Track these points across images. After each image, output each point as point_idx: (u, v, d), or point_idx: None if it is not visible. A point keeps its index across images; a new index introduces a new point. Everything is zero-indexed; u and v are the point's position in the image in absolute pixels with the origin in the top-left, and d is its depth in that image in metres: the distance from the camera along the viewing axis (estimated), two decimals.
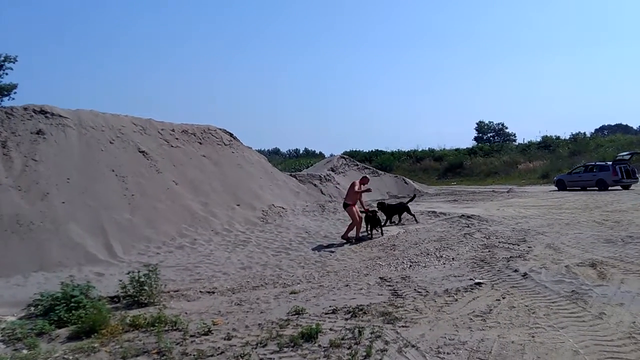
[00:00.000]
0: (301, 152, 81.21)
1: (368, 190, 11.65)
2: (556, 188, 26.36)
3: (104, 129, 13.58)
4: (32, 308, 6.36)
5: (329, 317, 5.37)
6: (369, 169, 31.32)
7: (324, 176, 24.75)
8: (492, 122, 63.50)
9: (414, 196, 15.87)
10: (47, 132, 12.27)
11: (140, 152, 13.51)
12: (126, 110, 15.84)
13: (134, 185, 12.04)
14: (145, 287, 6.49)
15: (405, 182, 29.96)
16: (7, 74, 32.99)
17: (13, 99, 33.17)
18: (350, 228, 11.11)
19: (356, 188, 11.27)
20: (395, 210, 13.81)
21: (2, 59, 32.45)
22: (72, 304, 5.85)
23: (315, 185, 23.36)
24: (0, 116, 12.29)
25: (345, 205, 11.24)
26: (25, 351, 4.84)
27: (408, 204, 14.12)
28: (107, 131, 13.55)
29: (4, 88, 32.93)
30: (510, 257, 8.13)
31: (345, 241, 10.89)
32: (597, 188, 24.13)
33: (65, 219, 9.94)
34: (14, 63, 32.88)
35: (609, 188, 23.84)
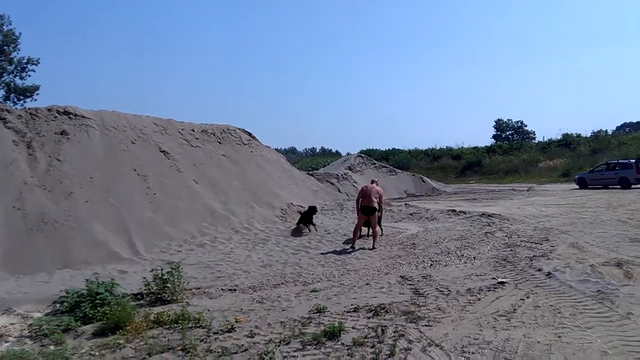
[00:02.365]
0: (317, 150, 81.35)
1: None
2: (577, 186, 25.93)
3: (126, 129, 13.78)
4: (58, 305, 6.48)
5: (350, 316, 5.36)
6: (387, 167, 31.24)
7: (342, 175, 24.78)
8: (511, 119, 62.65)
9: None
10: (70, 133, 12.50)
11: (161, 151, 13.68)
12: (147, 111, 16.00)
13: (155, 185, 12.19)
14: (168, 285, 6.57)
15: (423, 181, 29.81)
16: (29, 75, 33.65)
17: (36, 100, 33.86)
18: (375, 236, 10.37)
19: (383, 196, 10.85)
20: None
21: (25, 61, 33.11)
22: (97, 301, 5.95)
23: (332, 184, 23.40)
24: (25, 117, 12.56)
25: (373, 210, 10.35)
26: (52, 347, 4.94)
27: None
28: (129, 131, 13.75)
29: (27, 90, 33.58)
30: (533, 256, 8.03)
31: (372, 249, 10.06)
32: (619, 186, 23.69)
33: (88, 217, 10.12)
34: (36, 65, 33.51)
35: (632, 186, 23.38)
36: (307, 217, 12.27)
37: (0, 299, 6.91)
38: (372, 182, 11.26)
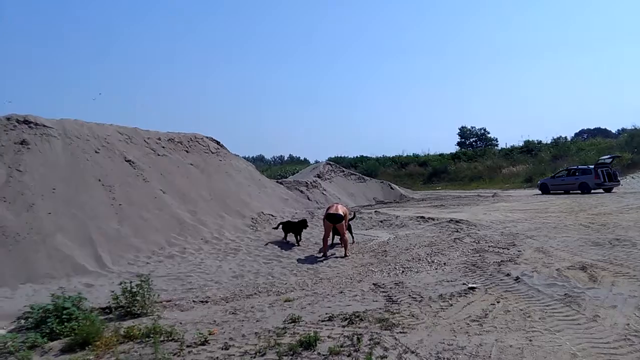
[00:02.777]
0: (286, 158, 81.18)
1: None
2: (540, 192, 26.74)
3: (89, 138, 13.42)
4: (23, 321, 6.22)
5: (325, 325, 5.35)
6: (355, 174, 31.44)
7: (311, 183, 24.76)
8: (475, 127, 64.23)
9: (354, 215, 14.09)
10: (31, 142, 12.07)
11: (126, 161, 13.37)
12: (111, 120, 15.67)
13: (121, 195, 11.89)
14: (138, 298, 6.40)
15: (391, 188, 30.13)
16: None
17: None
18: (346, 244, 10.40)
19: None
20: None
21: None
22: (64, 316, 5.74)
23: (302, 192, 23.35)
24: None
25: (340, 218, 10.35)
26: None
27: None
28: (93, 140, 13.39)
29: None
30: (501, 261, 8.22)
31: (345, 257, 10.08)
32: (580, 191, 24.57)
33: (52, 230, 9.77)
34: None
35: (592, 191, 24.28)
36: (297, 228, 11.89)
37: None
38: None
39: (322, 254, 10.31)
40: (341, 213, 10.46)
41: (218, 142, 18.14)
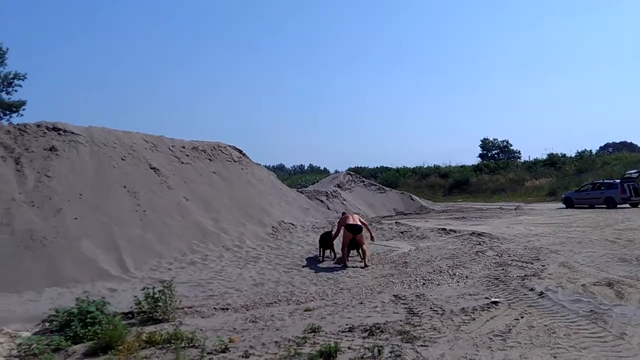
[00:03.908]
0: (306, 168, 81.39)
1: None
2: (564, 205, 26.26)
3: (116, 145, 13.71)
4: (47, 324, 6.35)
5: (346, 335, 5.33)
6: (375, 185, 31.39)
7: (331, 192, 24.84)
8: (497, 139, 63.57)
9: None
10: (59, 149, 12.39)
11: (151, 168, 13.61)
12: (136, 128, 15.98)
13: (145, 202, 12.09)
14: (160, 303, 6.47)
15: (412, 199, 29.99)
16: (16, 91, 33.43)
17: (22, 115, 33.57)
18: (366, 254, 10.28)
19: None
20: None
21: (12, 76, 32.91)
22: (87, 320, 5.84)
23: (322, 201, 23.45)
24: (13, 133, 12.45)
25: (361, 229, 10.37)
26: None
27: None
28: (119, 148, 13.67)
29: (13, 105, 33.33)
30: (525, 275, 8.08)
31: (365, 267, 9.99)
32: (605, 206, 24.04)
33: (78, 234, 9.99)
34: (23, 80, 33.34)
35: (618, 206, 23.74)
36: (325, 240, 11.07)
37: None
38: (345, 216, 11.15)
39: (342, 264, 10.28)
40: (360, 224, 10.43)
41: (240, 151, 18.34)
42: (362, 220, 10.90)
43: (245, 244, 12.16)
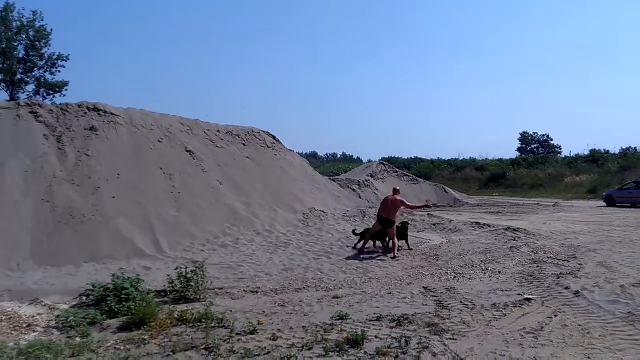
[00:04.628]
0: (339, 156, 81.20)
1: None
2: (605, 204, 25.34)
3: (153, 128, 13.99)
4: (84, 297, 6.61)
5: (373, 325, 5.32)
6: (408, 176, 31.04)
7: (363, 182, 24.69)
8: (537, 133, 61.76)
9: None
10: (99, 129, 12.74)
11: (187, 151, 13.85)
12: (173, 111, 16.25)
13: (180, 184, 12.34)
14: (192, 283, 6.62)
15: (445, 191, 29.49)
16: (59, 71, 34.42)
17: (64, 95, 34.58)
18: (395, 245, 10.20)
19: (406, 202, 10.93)
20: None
21: (56, 57, 33.90)
22: (122, 296, 6.04)
23: (354, 190, 23.34)
24: (56, 112, 12.87)
25: (391, 224, 10.31)
26: (78, 339, 5.03)
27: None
28: (156, 130, 13.95)
29: (56, 85, 34.36)
30: (561, 273, 7.85)
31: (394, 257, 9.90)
32: None
33: (115, 213, 10.29)
34: (66, 61, 34.29)
35: None
36: (400, 232, 10.78)
37: (28, 289, 7.08)
38: (395, 192, 11.06)
39: (359, 247, 10.61)
40: (393, 219, 10.35)
41: (274, 137, 18.43)
42: (404, 201, 10.84)
43: (275, 229, 12.26)
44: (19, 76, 33.02)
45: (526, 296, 6.45)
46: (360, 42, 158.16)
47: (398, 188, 11.53)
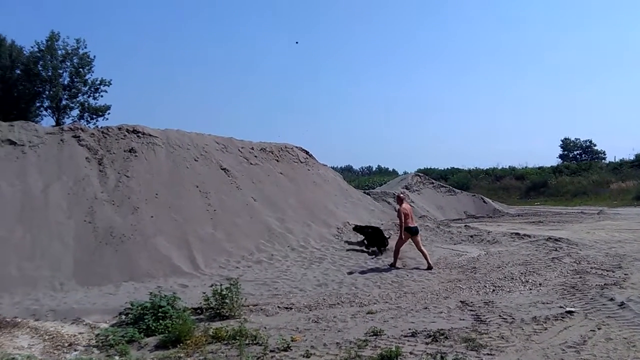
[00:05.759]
0: (374, 169, 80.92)
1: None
2: None
3: (190, 147, 14.33)
4: (123, 316, 6.77)
5: (408, 340, 5.24)
6: (445, 187, 30.61)
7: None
8: (579, 139, 59.95)
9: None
10: (138, 150, 13.15)
11: (222, 169, 14.11)
12: (207, 130, 16.62)
13: (216, 201, 12.55)
14: (227, 300, 6.69)
15: (484, 201, 28.91)
16: (102, 96, 35.90)
17: (107, 119, 36.02)
18: (426, 255, 10.12)
19: (400, 215, 10.33)
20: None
21: (98, 82, 35.40)
22: (159, 314, 6.15)
23: (389, 203, 23.19)
24: (97, 135, 13.38)
25: (417, 231, 10.33)
26: (117, 357, 5.15)
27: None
28: (192, 149, 14.29)
29: (100, 109, 35.87)
30: (605, 284, 7.55)
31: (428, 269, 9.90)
32: None
33: (153, 232, 10.55)
34: (108, 86, 35.76)
35: None
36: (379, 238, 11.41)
37: (70, 308, 7.30)
38: (402, 200, 10.86)
39: (390, 263, 10.40)
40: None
41: (307, 152, 18.55)
42: (400, 213, 10.36)
43: (310, 244, 12.28)
44: (64, 102, 34.67)
45: (568, 309, 6.22)
46: (399, 55, 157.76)
47: (402, 196, 11.19)
